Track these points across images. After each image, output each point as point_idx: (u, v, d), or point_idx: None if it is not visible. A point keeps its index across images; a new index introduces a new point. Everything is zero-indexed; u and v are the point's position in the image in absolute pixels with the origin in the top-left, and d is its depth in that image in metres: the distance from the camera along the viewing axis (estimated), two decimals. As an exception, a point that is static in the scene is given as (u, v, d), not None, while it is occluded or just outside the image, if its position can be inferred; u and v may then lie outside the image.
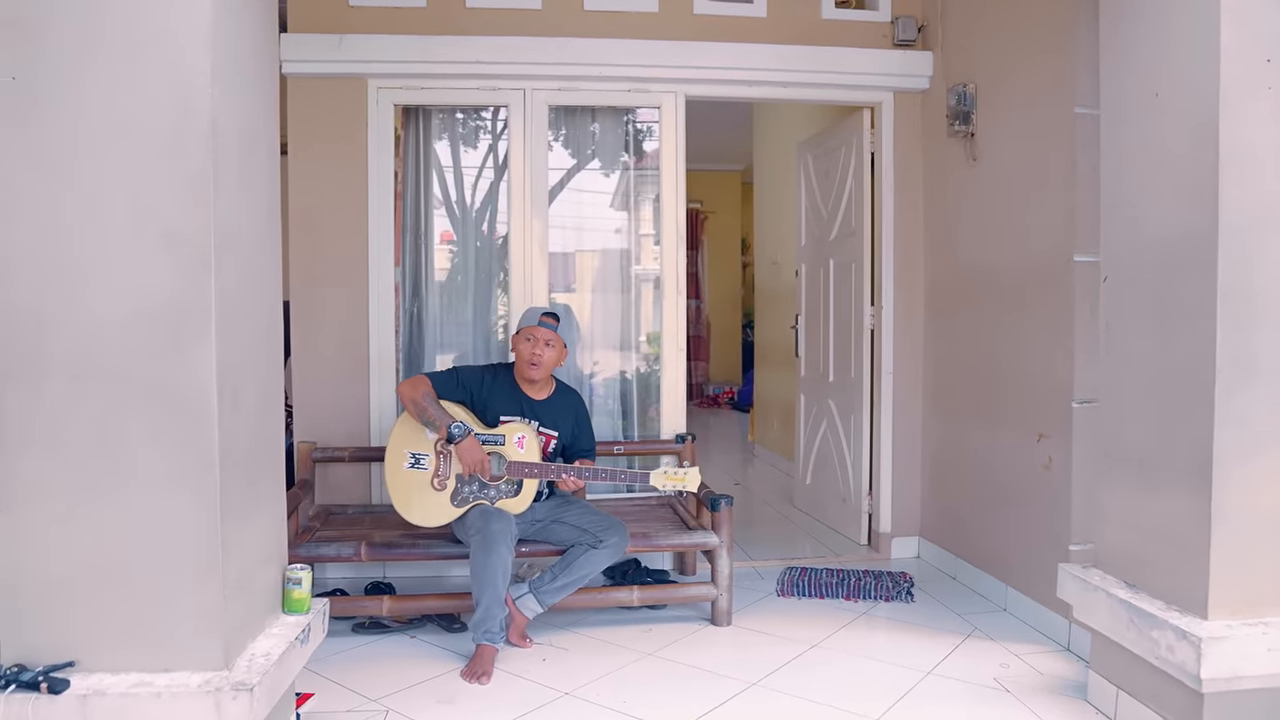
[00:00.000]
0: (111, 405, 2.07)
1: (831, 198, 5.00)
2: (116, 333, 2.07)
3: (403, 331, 4.39)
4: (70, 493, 2.07)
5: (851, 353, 4.75)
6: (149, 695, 2.02)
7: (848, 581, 4.01)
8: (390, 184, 4.25)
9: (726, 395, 10.84)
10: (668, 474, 3.31)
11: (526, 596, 3.32)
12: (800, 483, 5.48)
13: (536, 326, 3.37)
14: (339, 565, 4.12)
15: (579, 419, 3.57)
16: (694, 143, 4.43)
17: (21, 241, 2.06)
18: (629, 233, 4.52)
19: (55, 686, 2.03)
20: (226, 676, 2.07)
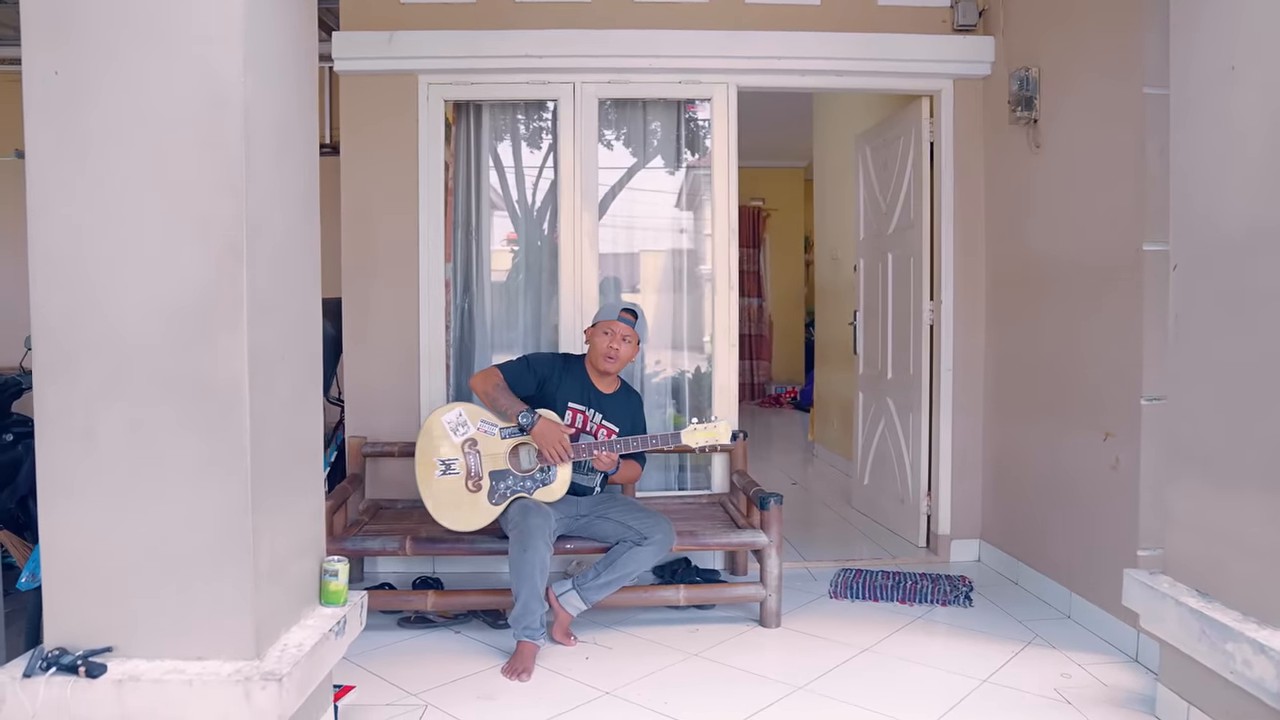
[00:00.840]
0: (144, 395, 2.08)
1: (890, 190, 4.90)
2: (149, 322, 2.08)
3: (454, 327, 4.40)
4: (105, 481, 2.08)
5: (910, 349, 4.65)
6: (180, 682, 2.02)
7: (903, 584, 3.92)
8: (441, 180, 4.26)
9: (789, 395, 10.76)
10: (697, 430, 3.32)
11: (570, 593, 3.29)
12: (858, 483, 5.40)
13: (616, 321, 3.40)
14: (389, 560, 4.15)
15: (635, 420, 3.58)
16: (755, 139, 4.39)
17: (58, 233, 2.08)
18: (693, 233, 4.48)
19: (93, 671, 2.04)
20: (257, 666, 2.07)
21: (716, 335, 4.34)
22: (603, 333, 3.41)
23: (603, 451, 3.29)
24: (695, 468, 4.50)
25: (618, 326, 3.40)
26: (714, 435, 3.31)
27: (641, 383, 4.51)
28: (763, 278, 11.08)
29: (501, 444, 3.34)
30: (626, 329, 3.42)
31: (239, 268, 2.09)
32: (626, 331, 3.41)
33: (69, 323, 2.08)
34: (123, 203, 2.08)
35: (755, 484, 3.78)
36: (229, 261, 2.08)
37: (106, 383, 2.08)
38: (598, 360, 3.44)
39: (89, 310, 2.08)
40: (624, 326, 3.41)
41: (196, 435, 2.08)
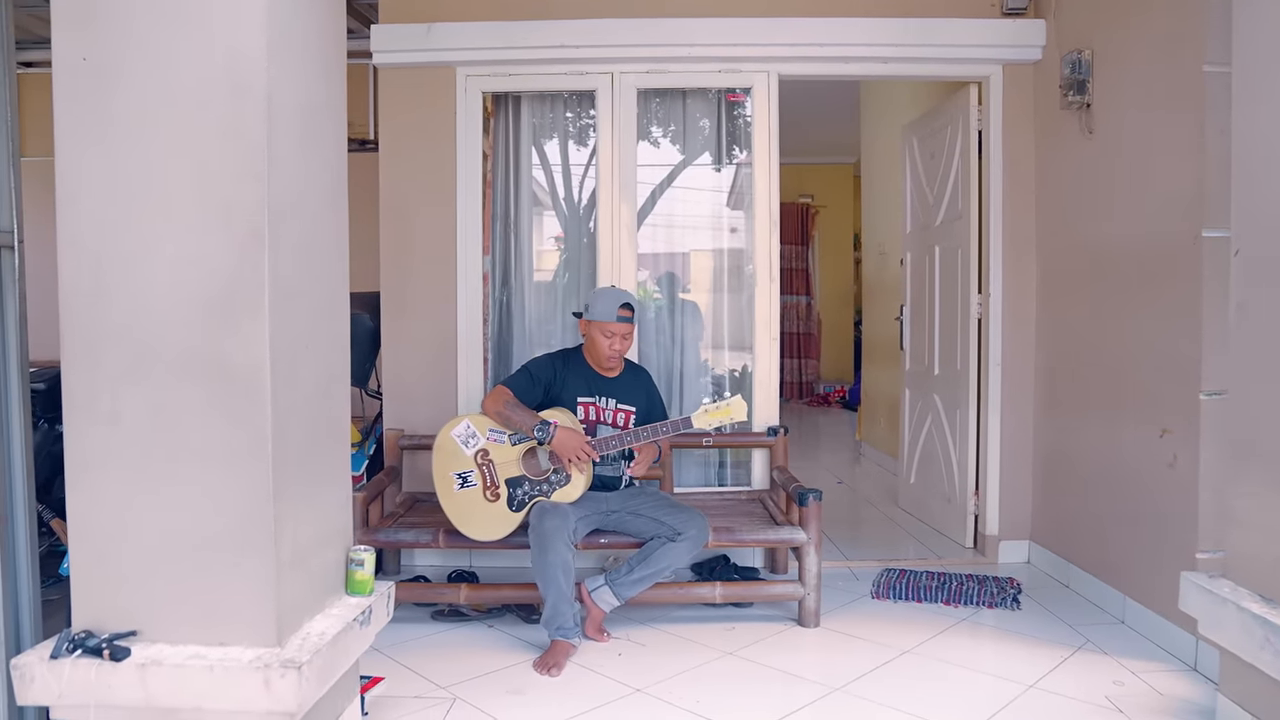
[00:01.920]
0: (167, 379, 2.08)
1: (937, 180, 4.81)
2: (173, 308, 2.08)
3: (492, 321, 4.40)
4: (130, 464, 2.09)
5: (957, 344, 4.55)
6: (202, 668, 2.01)
7: (949, 585, 3.83)
8: (479, 172, 4.26)
9: (837, 394, 10.68)
10: (709, 410, 3.25)
11: (603, 589, 3.26)
12: (904, 481, 5.33)
13: (615, 323, 3.34)
14: (425, 553, 4.15)
15: (650, 394, 3.56)
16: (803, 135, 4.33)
17: (85, 219, 2.09)
18: (744, 232, 4.44)
19: (117, 654, 2.05)
20: (277, 654, 2.05)
21: (757, 329, 4.28)
22: (602, 334, 3.36)
23: (611, 447, 3.26)
24: (735, 464, 4.46)
25: (618, 328, 3.35)
26: (727, 415, 3.24)
27: (695, 380, 4.49)
28: (811, 276, 10.98)
29: (513, 450, 3.33)
30: (626, 328, 3.37)
31: (261, 253, 2.07)
32: (626, 330, 3.38)
33: (94, 308, 2.09)
34: (147, 188, 2.08)
35: (795, 480, 3.71)
36: (252, 247, 2.07)
37: (131, 367, 2.08)
38: (599, 360, 3.41)
39: (113, 295, 2.08)
40: (624, 326, 3.36)
41: (219, 421, 2.07)
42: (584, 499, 3.33)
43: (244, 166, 2.07)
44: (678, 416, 3.37)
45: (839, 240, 11.14)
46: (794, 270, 10.75)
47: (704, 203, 4.57)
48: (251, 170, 2.07)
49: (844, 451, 7.53)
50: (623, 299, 3.36)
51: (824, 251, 11.17)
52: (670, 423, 3.29)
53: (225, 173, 2.08)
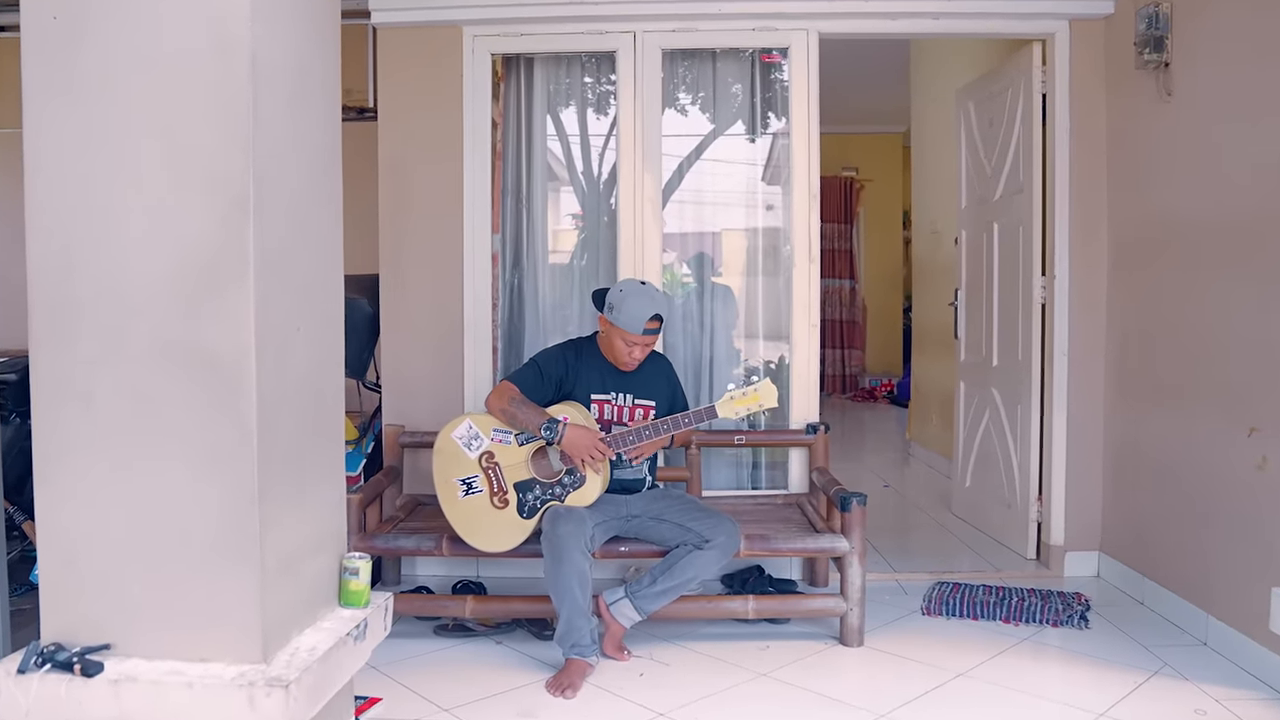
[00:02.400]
0: (143, 364, 2.08)
1: (996, 150, 4.77)
2: (148, 284, 2.07)
3: (502, 305, 4.40)
4: (105, 461, 2.09)
5: (1019, 331, 4.52)
6: (180, 685, 2.02)
7: (1008, 601, 3.81)
8: (488, 143, 4.26)
9: (884, 388, 10.66)
10: (735, 398, 3.24)
11: (623, 602, 3.25)
12: (958, 485, 5.30)
13: (641, 335, 3.31)
14: (428, 561, 4.16)
15: (671, 383, 3.56)
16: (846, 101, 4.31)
17: (53, 188, 2.09)
18: (781, 209, 4.41)
19: (89, 669, 2.06)
20: (262, 670, 2.05)
21: (794, 315, 4.26)
22: (623, 340, 3.33)
23: (630, 446, 3.26)
24: (770, 465, 4.44)
25: (642, 339, 3.33)
26: (755, 401, 3.21)
27: (727, 371, 4.48)
28: (855, 257, 10.92)
29: (520, 451, 3.32)
30: (653, 339, 3.36)
31: (245, 226, 2.07)
32: (651, 341, 3.36)
33: (63, 285, 2.09)
34: (121, 155, 2.08)
35: (837, 483, 3.69)
36: (235, 219, 2.07)
37: (104, 350, 2.08)
38: (616, 359, 3.40)
39: (84, 271, 2.08)
40: (651, 338, 3.35)
41: (199, 412, 2.07)
42: (601, 503, 3.32)
43: (227, 131, 2.07)
44: (700, 406, 3.35)
45: (886, 218, 11.07)
46: (836, 251, 10.70)
47: (737, 177, 4.53)
48: (235, 135, 2.06)
49: (891, 451, 7.51)
50: (653, 309, 3.30)
51: (869, 230, 11.11)
52: (692, 413, 3.27)
53: (206, 138, 2.07)
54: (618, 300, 3.31)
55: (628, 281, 3.42)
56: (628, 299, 3.30)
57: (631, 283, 3.39)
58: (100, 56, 2.08)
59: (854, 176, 10.92)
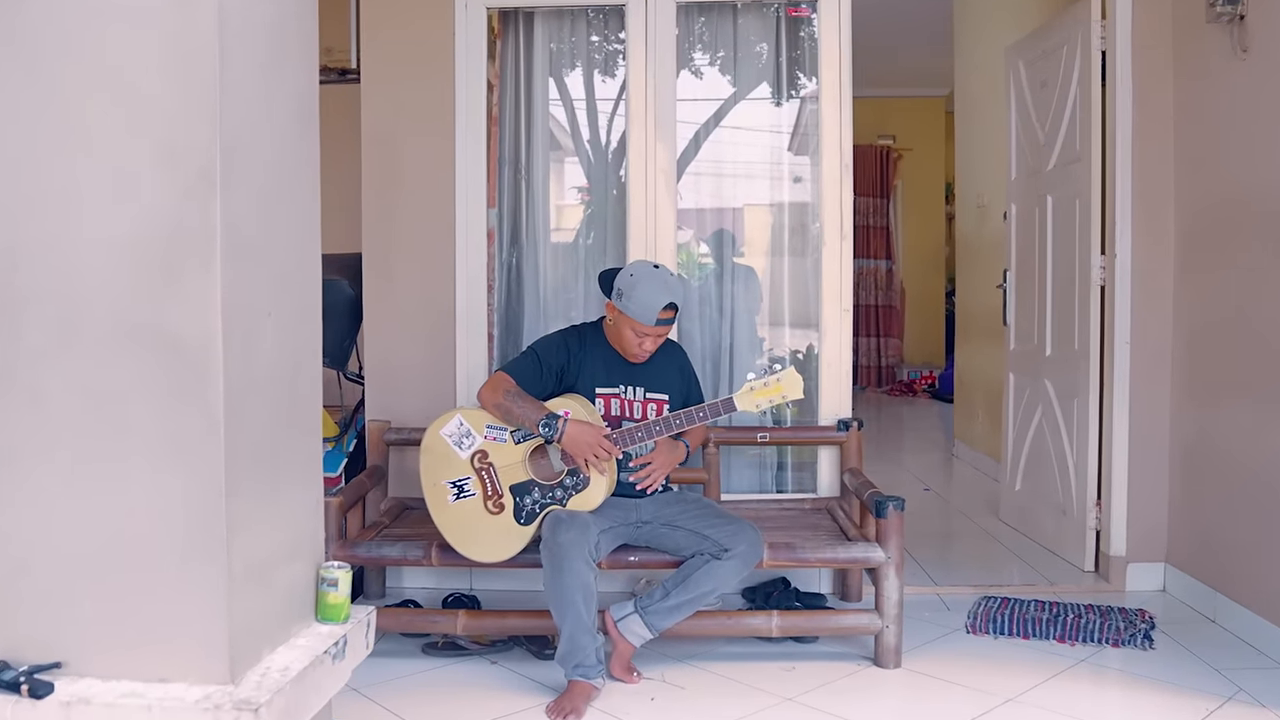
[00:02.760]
0: (99, 353, 2.06)
1: (1050, 115, 4.78)
2: (104, 264, 2.06)
3: (498, 288, 4.41)
4: (55, 456, 2.08)
5: (1075, 317, 4.52)
6: (138, 708, 2.00)
7: (1063, 618, 3.81)
8: (483, 107, 4.27)
9: (925, 381, 10.72)
10: (755, 389, 3.23)
11: (632, 617, 3.25)
12: (1007, 489, 5.32)
13: (654, 326, 3.31)
14: (415, 572, 4.17)
15: (685, 374, 3.57)
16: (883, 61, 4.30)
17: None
18: (810, 181, 4.40)
19: (37, 690, 2.05)
20: (230, 692, 2.04)
21: (824, 299, 4.24)
22: (633, 331, 3.33)
23: (638, 440, 3.26)
24: (797, 465, 4.44)
25: (655, 330, 3.33)
26: (777, 392, 3.21)
27: (732, 355, 4.47)
28: (893, 235, 10.92)
29: (516, 450, 3.31)
30: (666, 330, 3.36)
31: (211, 198, 2.05)
32: (665, 331, 3.37)
33: (8, 267, 2.07)
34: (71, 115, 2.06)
35: (871, 486, 3.68)
36: (200, 191, 2.05)
37: (54, 339, 2.07)
38: (624, 349, 3.40)
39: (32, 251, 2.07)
40: (664, 329, 3.35)
41: (161, 403, 2.05)
42: (607, 507, 3.32)
43: (191, 93, 2.05)
44: (715, 400, 3.35)
45: (927, 191, 11.07)
46: (871, 228, 10.69)
47: (760, 146, 4.52)
48: (200, 98, 2.04)
49: (932, 451, 7.53)
50: (667, 297, 3.28)
51: (908, 205, 11.12)
52: (708, 406, 3.27)
53: (168, 101, 2.05)
54: (628, 286, 3.29)
55: (639, 264, 3.41)
56: (639, 285, 3.28)
57: (643, 266, 3.37)
58: (46, 8, 2.05)
59: (891, 145, 10.90)
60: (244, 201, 2.14)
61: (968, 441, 7.06)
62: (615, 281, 3.36)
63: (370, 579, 4.08)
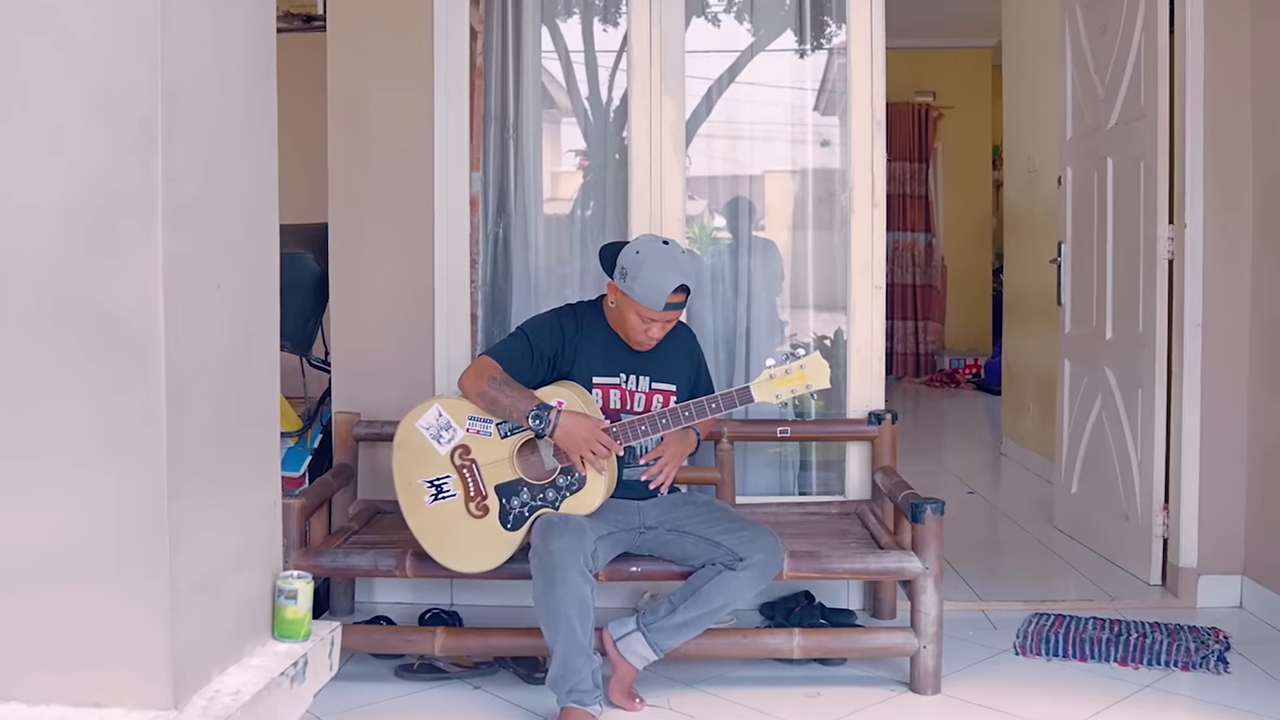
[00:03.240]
0: (22, 333, 2.04)
1: (1111, 65, 4.77)
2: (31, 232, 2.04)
3: (483, 263, 4.42)
4: (-29, 454, 2.07)
5: (1139, 296, 4.52)
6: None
7: (1126, 638, 3.81)
8: (465, 57, 4.25)
9: (969, 370, 10.76)
10: (774, 377, 3.21)
11: (633, 636, 3.24)
12: (1062, 491, 5.33)
13: (663, 312, 3.29)
14: (389, 585, 4.17)
15: (695, 360, 3.57)
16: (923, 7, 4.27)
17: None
18: (841, 144, 4.40)
19: (-47, 717, 2.04)
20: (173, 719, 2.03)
21: (853, 274, 4.25)
22: (638, 315, 3.31)
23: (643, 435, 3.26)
24: (823, 464, 4.46)
25: (663, 315, 3.31)
26: (800, 381, 3.19)
27: (749, 340, 4.49)
28: (932, 205, 10.92)
29: (503, 445, 3.30)
30: (676, 315, 3.35)
31: (152, 154, 2.03)
32: (675, 316, 3.36)
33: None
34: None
35: (907, 487, 3.67)
36: (138, 143, 2.03)
37: (-32, 316, 2.06)
38: (627, 335, 3.39)
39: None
40: (674, 313, 3.34)
41: (94, 389, 2.03)
42: (606, 510, 3.30)
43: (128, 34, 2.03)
44: (730, 389, 3.33)
45: (972, 155, 11.07)
46: (908, 197, 10.68)
47: (781, 105, 4.52)
48: (138, 39, 2.03)
49: (978, 450, 7.54)
50: (678, 278, 3.25)
51: (950, 171, 11.12)
52: (721, 396, 3.25)
53: (101, 43, 2.03)
54: (633, 265, 3.27)
55: (646, 240, 3.38)
56: (646, 264, 3.25)
57: (651, 242, 3.35)
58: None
59: (930, 103, 10.89)
60: (189, 157, 2.13)
61: (1017, 438, 7.04)
62: (619, 258, 3.33)
63: (337, 593, 4.07)
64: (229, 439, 2.28)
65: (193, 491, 2.14)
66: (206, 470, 2.19)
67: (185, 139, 2.11)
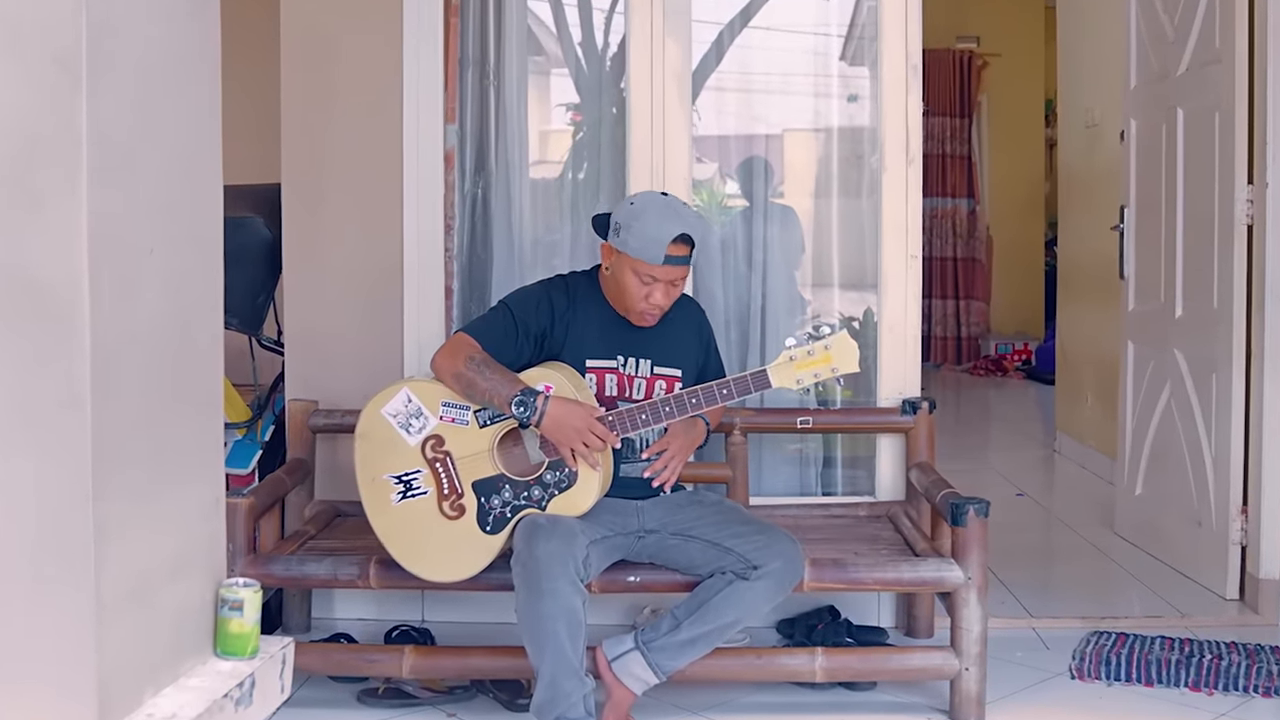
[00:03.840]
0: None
1: (1181, 3, 4.75)
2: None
3: (460, 228, 4.41)
4: None
5: (1214, 267, 4.51)
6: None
7: (1199, 660, 3.80)
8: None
9: (1018, 356, 10.76)
10: (795, 360, 3.20)
11: (631, 656, 3.23)
12: (1124, 493, 5.33)
13: (663, 266, 3.29)
14: (350, 598, 4.17)
15: (704, 340, 3.59)
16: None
17: None
18: (871, 98, 4.39)
19: None
20: (99, 750, 2.04)
21: (885, 241, 4.23)
22: (636, 277, 3.31)
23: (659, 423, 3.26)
24: (849, 460, 4.46)
25: (664, 273, 3.30)
26: (825, 364, 3.19)
27: (763, 319, 4.48)
28: (976, 166, 10.92)
29: (482, 435, 3.29)
30: (678, 273, 3.34)
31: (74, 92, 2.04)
32: (678, 275, 3.34)
33: None
34: None
35: (946, 485, 3.67)
36: (59, 83, 2.04)
37: None
38: (624, 308, 3.40)
39: None
40: (675, 271, 3.32)
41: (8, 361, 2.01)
42: (600, 511, 3.30)
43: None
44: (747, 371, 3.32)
45: (1021, 109, 11.11)
46: (948, 157, 10.68)
47: (802, 53, 4.53)
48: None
49: (1028, 447, 7.57)
50: (679, 226, 3.27)
51: (996, 128, 11.15)
52: (733, 382, 3.25)
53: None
54: (628, 217, 3.29)
55: (643, 194, 3.42)
56: (642, 214, 3.28)
57: (648, 194, 3.39)
58: None
59: (974, 50, 10.90)
60: (118, 99, 2.14)
61: (1073, 433, 7.04)
62: (613, 216, 3.36)
63: (291, 607, 4.07)
64: (165, 424, 2.30)
65: (122, 484, 2.15)
66: (138, 459, 2.20)
67: (113, 77, 2.12)
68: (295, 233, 4.23)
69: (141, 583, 2.21)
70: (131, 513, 2.18)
